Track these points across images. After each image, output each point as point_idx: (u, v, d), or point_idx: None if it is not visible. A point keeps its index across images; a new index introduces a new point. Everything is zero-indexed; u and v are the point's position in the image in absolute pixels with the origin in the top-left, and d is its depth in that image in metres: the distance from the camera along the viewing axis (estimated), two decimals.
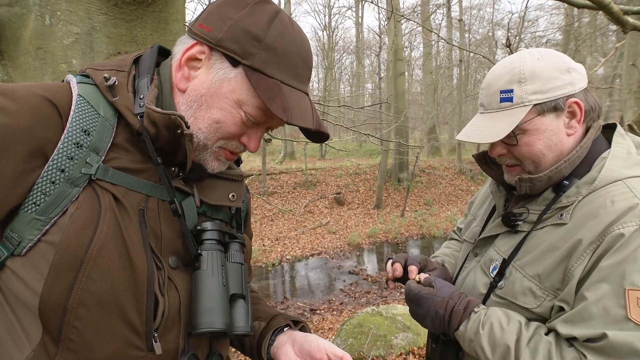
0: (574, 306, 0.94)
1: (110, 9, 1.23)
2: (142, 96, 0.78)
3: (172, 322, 0.78)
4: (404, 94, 16.76)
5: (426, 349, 1.32)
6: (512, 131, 1.03)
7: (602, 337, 0.87)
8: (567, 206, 1.02)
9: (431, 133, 22.36)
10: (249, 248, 0.98)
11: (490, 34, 26.86)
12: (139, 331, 0.73)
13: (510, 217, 1.11)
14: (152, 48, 0.87)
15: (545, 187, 1.08)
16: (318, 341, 0.88)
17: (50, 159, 0.70)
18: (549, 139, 1.05)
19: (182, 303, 0.79)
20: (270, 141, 5.91)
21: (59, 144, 0.70)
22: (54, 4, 1.21)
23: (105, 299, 0.70)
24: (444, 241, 2.25)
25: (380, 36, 22.74)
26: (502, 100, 1.06)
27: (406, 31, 24.04)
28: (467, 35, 24.95)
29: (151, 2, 1.28)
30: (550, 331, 0.98)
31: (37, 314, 0.68)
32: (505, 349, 0.97)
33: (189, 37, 0.82)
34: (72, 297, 0.68)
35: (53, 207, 0.69)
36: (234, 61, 0.78)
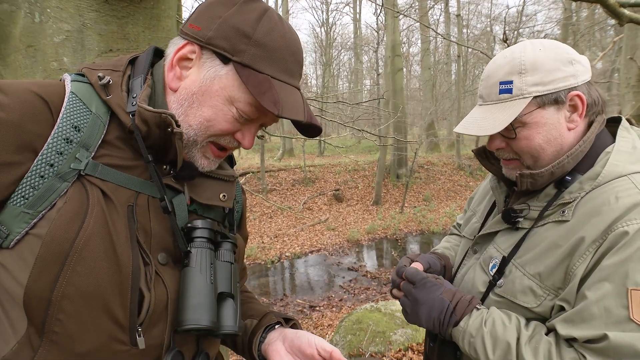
0: (575, 306, 0.91)
1: (101, 5, 1.21)
2: (134, 95, 0.80)
3: (157, 318, 0.78)
4: (402, 90, 16.74)
5: (424, 347, 1.30)
6: (511, 124, 1.00)
7: (602, 338, 0.85)
8: (569, 202, 0.99)
9: (430, 129, 22.37)
10: (241, 249, 0.98)
11: (488, 29, 26.86)
12: (123, 325, 0.74)
13: (510, 213, 1.08)
14: (149, 49, 0.89)
15: (547, 183, 1.04)
16: (308, 337, 0.90)
17: (40, 154, 0.71)
18: (549, 132, 1.02)
19: (169, 299, 0.79)
20: (263, 137, 5.90)
21: (48, 139, 0.71)
22: (44, 1, 1.18)
23: (90, 292, 0.70)
24: (443, 237, 2.24)
25: (378, 32, 22.69)
26: (501, 91, 1.03)
27: (404, 27, 24.03)
28: (465, 30, 24.94)
29: None
30: (550, 331, 0.96)
31: (22, 305, 0.69)
32: (506, 346, 0.95)
33: (181, 37, 0.83)
34: (56, 290, 0.68)
35: (41, 200, 0.70)
36: (224, 59, 0.79)
